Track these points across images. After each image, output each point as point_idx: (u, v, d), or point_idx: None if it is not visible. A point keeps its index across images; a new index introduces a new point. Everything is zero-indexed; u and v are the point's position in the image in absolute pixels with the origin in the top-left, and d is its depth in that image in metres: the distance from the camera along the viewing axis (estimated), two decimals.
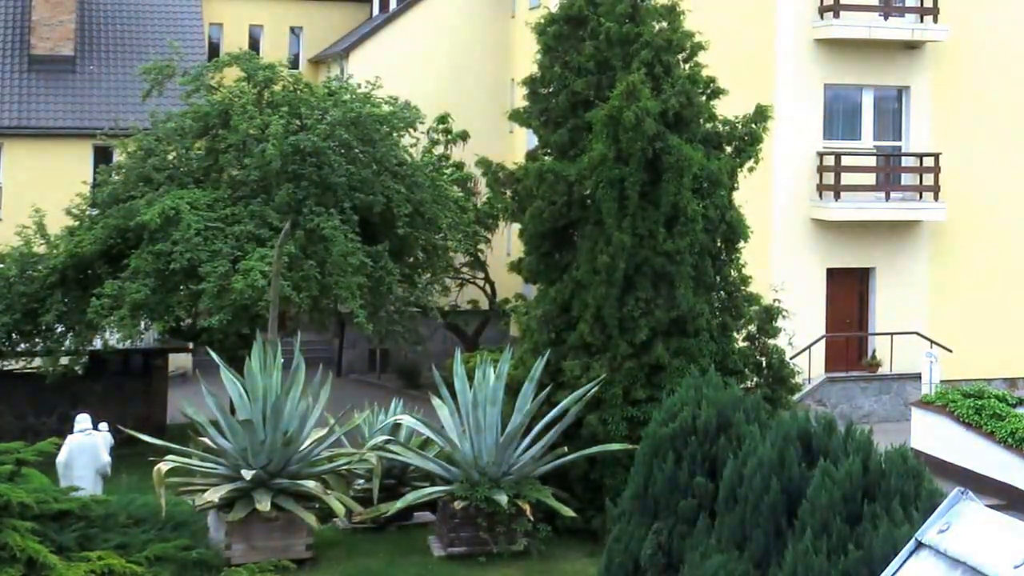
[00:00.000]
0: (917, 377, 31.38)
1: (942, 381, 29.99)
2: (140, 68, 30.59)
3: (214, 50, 42.73)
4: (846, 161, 32.75)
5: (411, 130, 30.31)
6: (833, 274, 33.11)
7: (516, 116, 24.56)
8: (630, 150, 21.05)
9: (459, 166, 34.68)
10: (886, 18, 33.06)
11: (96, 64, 38.43)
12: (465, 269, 36.44)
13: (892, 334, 32.86)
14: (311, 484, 20.37)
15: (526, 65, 26.04)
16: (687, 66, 22.77)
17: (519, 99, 27.05)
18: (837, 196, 32.58)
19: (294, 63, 44.81)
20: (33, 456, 19.01)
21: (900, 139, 34.03)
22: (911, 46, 33.40)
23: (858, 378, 32.92)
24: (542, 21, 23.43)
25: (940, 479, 16.41)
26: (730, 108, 23.21)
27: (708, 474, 14.61)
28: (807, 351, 30.68)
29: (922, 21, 33.38)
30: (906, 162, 33.99)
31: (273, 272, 23.03)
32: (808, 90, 32.67)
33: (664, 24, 22.68)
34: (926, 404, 27.50)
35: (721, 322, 22.39)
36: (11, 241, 28.37)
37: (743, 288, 22.84)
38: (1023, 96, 34.11)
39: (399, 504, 21.46)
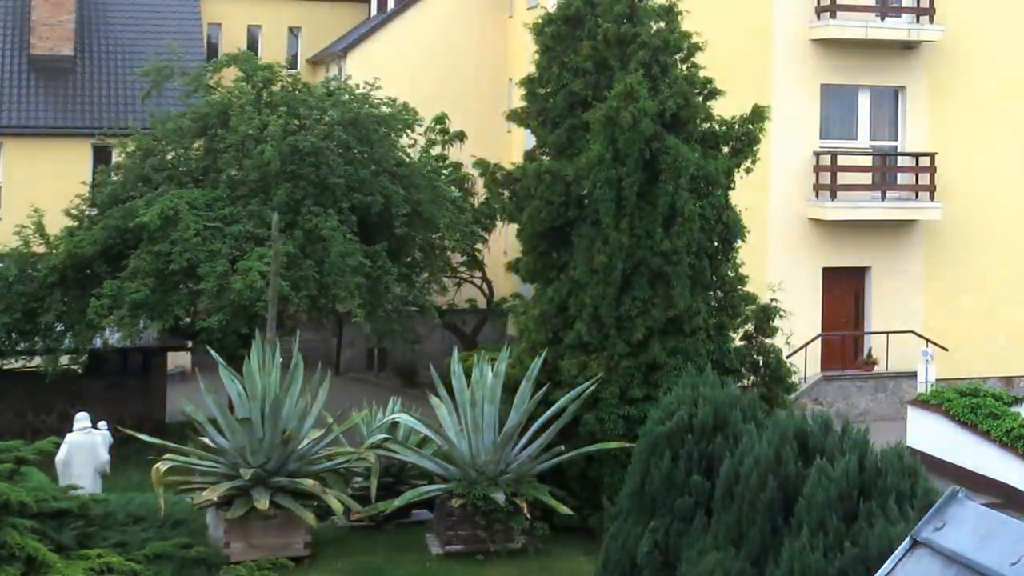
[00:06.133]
0: (913, 376, 31.44)
1: (938, 380, 30.05)
2: (139, 69, 30.64)
3: (213, 50, 42.80)
4: (842, 161, 32.81)
5: (409, 131, 30.38)
6: (829, 273, 33.17)
7: (514, 116, 24.62)
8: (627, 150, 21.11)
9: (457, 166, 34.71)
10: (883, 18, 33.12)
11: (96, 64, 38.47)
12: (463, 268, 36.49)
13: (888, 333, 32.93)
14: (309, 482, 20.42)
15: (524, 65, 26.09)
16: (684, 66, 22.82)
17: (517, 99, 27.10)
18: (833, 196, 32.65)
19: (292, 63, 44.89)
20: (32, 454, 19.04)
21: (896, 139, 34.09)
22: (907, 46, 33.46)
23: (854, 377, 32.99)
24: (540, 21, 23.48)
25: (936, 477, 16.48)
26: (727, 108, 23.26)
27: (705, 472, 14.68)
28: (803, 350, 30.74)
29: (918, 21, 33.45)
30: (902, 162, 34.05)
31: (271, 271, 23.09)
32: (805, 90, 32.72)
33: (662, 24, 22.73)
34: (922, 403, 27.56)
35: (718, 321, 22.44)
36: (10, 241, 28.41)
37: (740, 287, 22.89)
38: (1019, 96, 34.18)
39: (397, 502, 21.51)
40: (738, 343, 22.98)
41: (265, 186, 27.42)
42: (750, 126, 22.90)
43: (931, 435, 26.84)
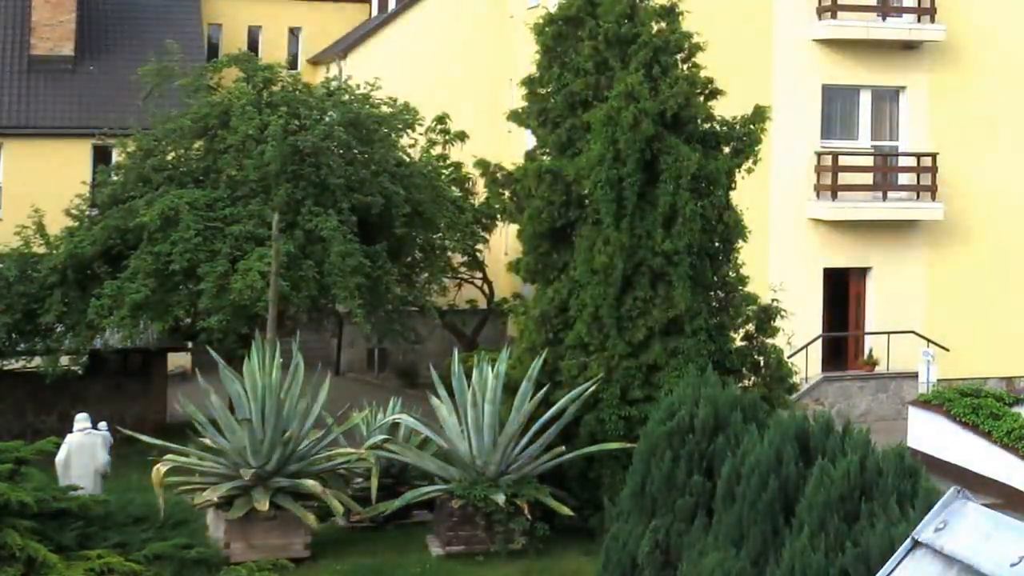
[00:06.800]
0: (914, 376, 31.44)
1: (939, 380, 30.05)
2: (140, 69, 30.61)
3: (213, 50, 42.75)
4: (843, 161, 32.80)
5: (409, 131, 30.35)
6: (830, 274, 33.16)
7: (514, 116, 24.59)
8: (628, 150, 21.09)
9: (457, 166, 34.70)
10: (884, 18, 33.12)
11: (96, 64, 38.46)
12: (463, 269, 36.46)
13: (889, 333, 32.91)
14: (310, 483, 20.43)
15: (524, 65, 26.08)
16: (685, 67, 22.79)
17: (517, 99, 27.08)
18: (835, 196, 32.64)
19: (293, 63, 44.85)
20: (32, 455, 19.03)
21: (897, 139, 34.08)
22: (908, 46, 33.45)
23: (855, 377, 32.97)
24: (541, 21, 23.46)
25: (937, 478, 16.48)
26: (728, 108, 23.23)
27: (705, 473, 14.68)
28: (804, 350, 30.72)
29: (919, 21, 33.44)
30: (903, 162, 34.04)
31: (271, 272, 23.09)
32: (806, 90, 32.71)
33: (662, 24, 22.71)
34: (923, 403, 27.55)
35: (719, 322, 22.41)
36: (11, 241, 28.39)
37: (741, 288, 22.86)
38: (1020, 96, 34.16)
39: (397, 503, 21.51)
40: (739, 343, 22.95)
41: (265, 186, 27.39)
42: (751, 126, 22.85)
43: (932, 435, 26.83)
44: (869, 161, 33.75)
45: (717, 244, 22.48)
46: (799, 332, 28.77)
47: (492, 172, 27.82)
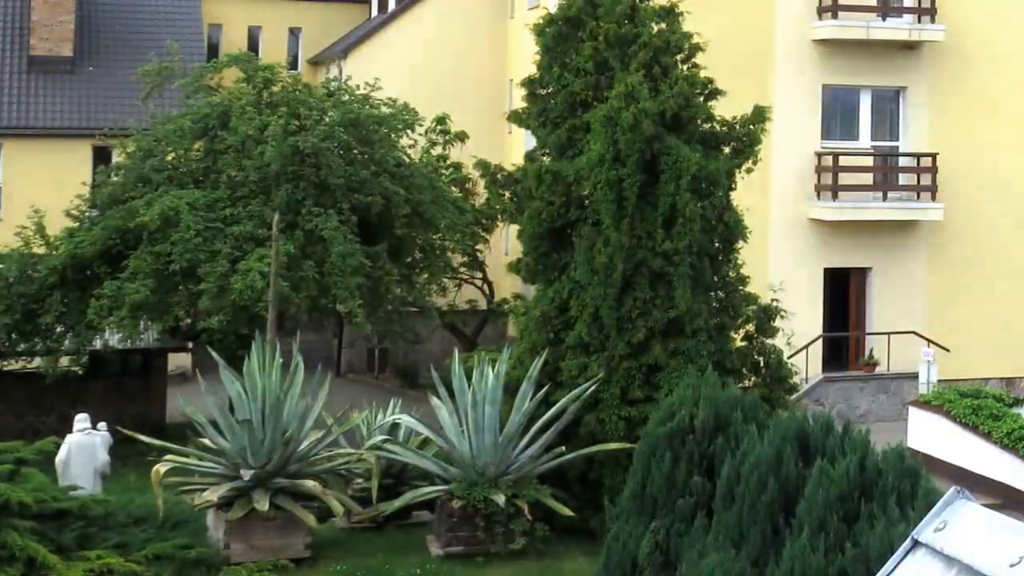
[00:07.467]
0: (914, 377, 31.42)
1: (939, 380, 30.04)
2: (140, 70, 30.61)
3: (213, 51, 42.73)
4: (844, 161, 32.80)
5: (409, 131, 30.36)
6: (831, 274, 33.16)
7: (515, 117, 24.61)
8: (628, 151, 21.08)
9: (457, 167, 34.69)
10: (884, 18, 33.13)
11: (96, 64, 38.47)
12: (463, 269, 36.45)
13: (889, 334, 32.91)
14: (310, 483, 20.42)
15: (524, 66, 26.09)
16: (685, 67, 22.79)
17: (517, 100, 27.08)
18: (835, 196, 32.64)
19: (293, 64, 44.84)
20: (33, 455, 19.05)
21: (897, 139, 34.09)
22: (909, 46, 33.45)
23: (855, 378, 32.97)
24: (541, 22, 23.47)
25: (937, 478, 16.48)
26: (728, 109, 23.23)
27: (706, 473, 14.68)
28: (805, 351, 30.71)
29: (919, 21, 33.44)
30: (903, 162, 34.05)
31: (272, 272, 23.08)
32: (806, 90, 32.72)
33: (663, 25, 22.70)
34: (923, 404, 27.54)
35: (719, 322, 22.40)
36: (11, 242, 28.38)
37: (741, 288, 22.85)
38: (1020, 96, 34.16)
39: (397, 503, 21.50)
40: (739, 344, 22.94)
41: (265, 187, 27.39)
42: (751, 126, 22.85)
43: (932, 436, 26.82)
44: (869, 161, 33.76)
45: (717, 244, 22.48)
46: (799, 332, 28.77)
47: (492, 173, 27.76)
